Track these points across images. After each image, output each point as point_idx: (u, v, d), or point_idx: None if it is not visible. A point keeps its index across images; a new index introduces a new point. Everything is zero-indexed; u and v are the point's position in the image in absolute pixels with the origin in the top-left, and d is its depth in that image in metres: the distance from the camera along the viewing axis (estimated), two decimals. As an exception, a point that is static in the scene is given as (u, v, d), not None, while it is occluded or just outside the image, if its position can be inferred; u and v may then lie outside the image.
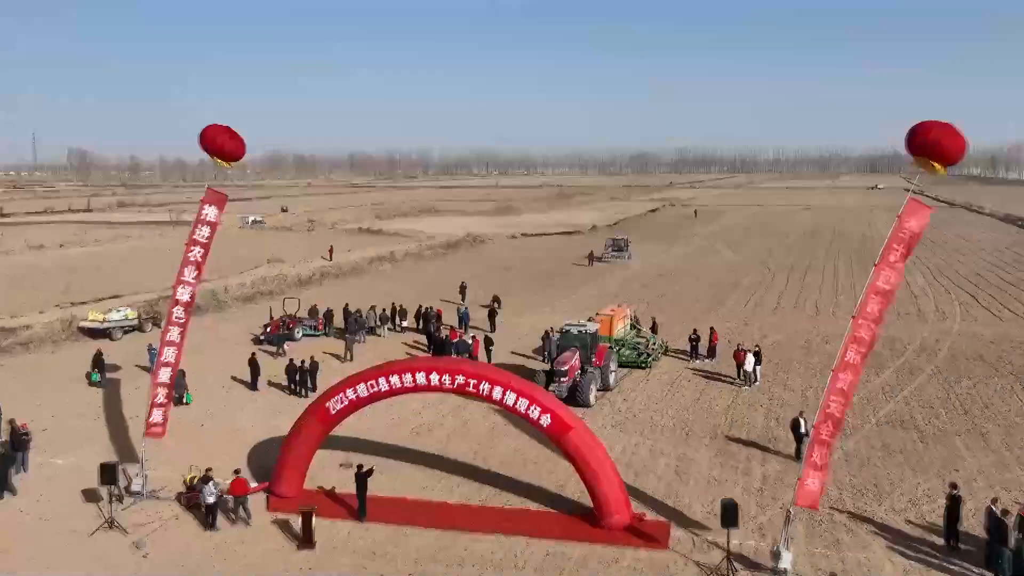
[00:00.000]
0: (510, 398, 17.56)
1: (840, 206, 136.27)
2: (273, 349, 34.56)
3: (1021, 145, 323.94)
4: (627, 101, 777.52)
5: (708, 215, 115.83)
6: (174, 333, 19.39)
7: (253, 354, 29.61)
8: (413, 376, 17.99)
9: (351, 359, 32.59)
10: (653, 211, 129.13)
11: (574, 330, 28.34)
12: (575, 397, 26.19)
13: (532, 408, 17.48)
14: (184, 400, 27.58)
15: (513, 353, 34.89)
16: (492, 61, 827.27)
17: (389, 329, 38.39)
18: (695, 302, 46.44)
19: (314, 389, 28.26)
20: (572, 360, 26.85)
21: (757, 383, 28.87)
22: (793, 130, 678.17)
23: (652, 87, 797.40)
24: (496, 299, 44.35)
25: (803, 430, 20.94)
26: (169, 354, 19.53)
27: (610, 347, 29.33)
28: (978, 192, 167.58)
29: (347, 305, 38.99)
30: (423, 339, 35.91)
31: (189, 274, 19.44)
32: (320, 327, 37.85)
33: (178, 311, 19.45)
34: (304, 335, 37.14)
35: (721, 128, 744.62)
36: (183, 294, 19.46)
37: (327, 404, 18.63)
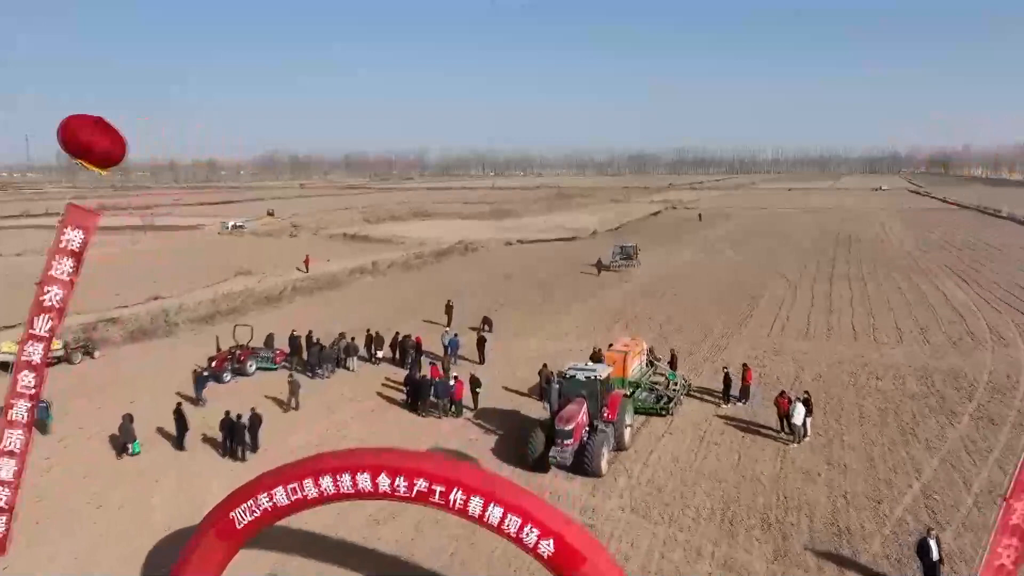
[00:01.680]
0: (495, 514, 11.90)
1: (844, 207, 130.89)
2: (225, 381, 29.33)
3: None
4: (626, 101, 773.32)
5: (712, 218, 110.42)
6: (20, 410, 13.73)
7: (179, 404, 23.81)
8: (354, 478, 12.34)
9: (296, 407, 26.83)
10: (655, 214, 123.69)
11: (580, 375, 22.61)
12: (582, 464, 20.61)
13: (528, 530, 11.82)
14: (131, 451, 22.65)
15: (506, 390, 29.35)
16: (492, 61, 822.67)
17: (361, 359, 32.71)
18: (713, 320, 40.78)
19: (255, 450, 22.76)
20: (579, 416, 21.20)
21: (807, 438, 23.26)
22: (792, 130, 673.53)
23: (652, 87, 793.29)
24: (486, 321, 38.79)
25: (935, 556, 14.99)
26: (14, 439, 13.87)
27: (626, 395, 23.71)
28: (984, 193, 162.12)
29: (310, 333, 33.24)
30: (401, 373, 30.26)
31: (42, 325, 13.81)
32: (278, 360, 32.10)
33: (26, 378, 13.81)
34: (259, 369, 31.43)
35: (720, 128, 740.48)
36: (33, 353, 13.81)
37: (232, 514, 12.95)
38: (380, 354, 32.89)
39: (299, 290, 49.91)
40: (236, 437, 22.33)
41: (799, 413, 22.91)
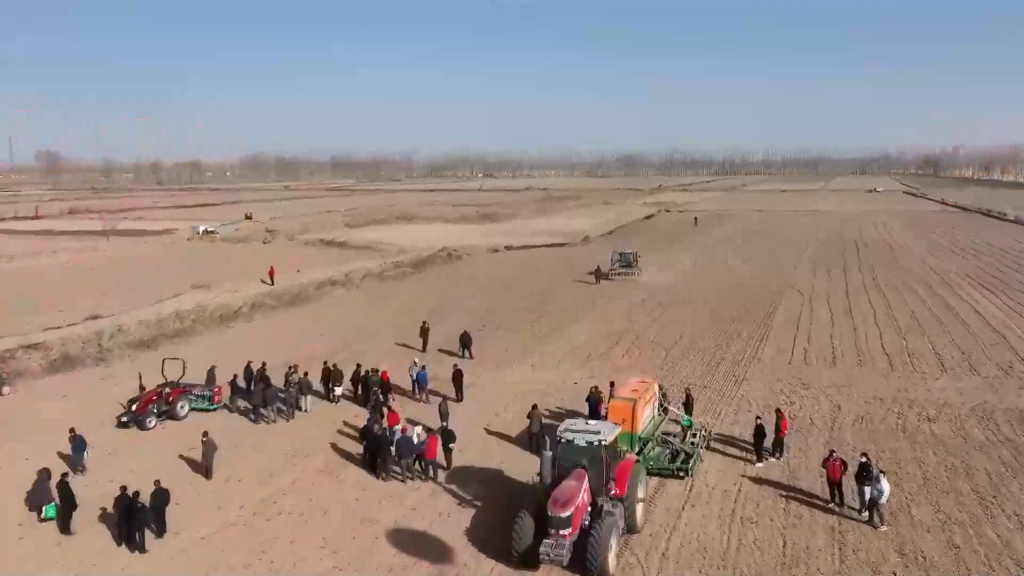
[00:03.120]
0: None
1: (843, 209, 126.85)
2: (149, 427, 24.46)
3: (1018, 147, 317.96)
4: (625, 102, 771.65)
5: (708, 221, 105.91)
6: None
7: (64, 476, 18.57)
8: None
9: (209, 475, 21.13)
10: (649, 217, 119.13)
11: (580, 439, 17.49)
12: (583, 561, 15.60)
13: None
14: (44, 514, 18.42)
15: (489, 433, 24.59)
16: (491, 61, 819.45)
17: (317, 395, 27.60)
18: (725, 342, 35.92)
19: (161, 533, 17.66)
20: (578, 496, 16.16)
21: (884, 527, 17.63)
22: (784, 131, 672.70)
23: (651, 87, 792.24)
24: (465, 340, 33.81)
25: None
26: None
27: (638, 460, 18.77)
28: (982, 195, 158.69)
29: (264, 366, 27.98)
30: (363, 415, 25.14)
31: None
32: (217, 399, 26.96)
33: None
34: (193, 409, 26.30)
35: (714, 129, 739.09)
36: None
37: None
38: (339, 391, 27.77)
39: (259, 307, 44.57)
40: (134, 520, 17.20)
41: (884, 492, 17.62)
